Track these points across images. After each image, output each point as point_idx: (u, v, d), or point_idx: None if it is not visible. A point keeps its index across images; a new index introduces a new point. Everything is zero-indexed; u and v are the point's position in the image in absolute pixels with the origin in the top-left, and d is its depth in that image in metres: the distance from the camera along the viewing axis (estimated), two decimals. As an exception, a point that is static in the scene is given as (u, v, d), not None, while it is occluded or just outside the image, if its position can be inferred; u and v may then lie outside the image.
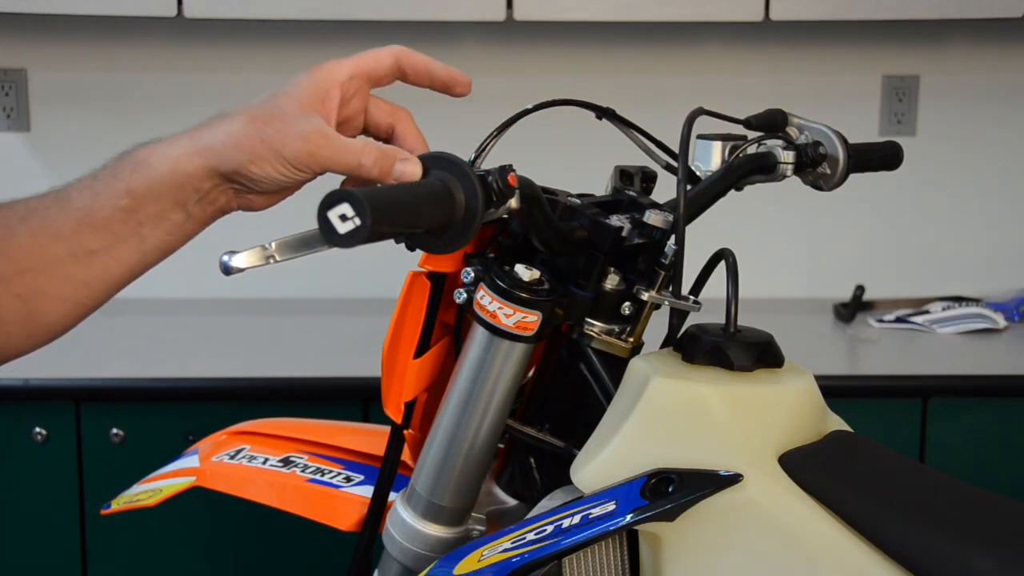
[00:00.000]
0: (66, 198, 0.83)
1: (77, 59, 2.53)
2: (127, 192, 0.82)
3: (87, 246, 0.82)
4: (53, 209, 0.82)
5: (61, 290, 0.83)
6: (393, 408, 1.08)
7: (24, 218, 0.82)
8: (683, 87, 2.58)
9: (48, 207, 0.83)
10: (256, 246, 0.80)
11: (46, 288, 0.82)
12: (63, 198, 0.83)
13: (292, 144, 0.82)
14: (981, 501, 0.92)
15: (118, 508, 1.32)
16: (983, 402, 2.16)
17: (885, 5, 2.24)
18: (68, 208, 0.82)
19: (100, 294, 0.85)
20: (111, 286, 0.85)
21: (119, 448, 2.05)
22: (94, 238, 0.82)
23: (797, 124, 1.12)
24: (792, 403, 0.94)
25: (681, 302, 1.00)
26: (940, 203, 2.66)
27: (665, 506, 0.88)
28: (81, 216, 0.82)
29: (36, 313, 0.83)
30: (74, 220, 0.82)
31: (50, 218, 0.82)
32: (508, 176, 0.85)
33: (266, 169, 0.83)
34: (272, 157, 0.82)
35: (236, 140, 0.82)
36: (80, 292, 0.84)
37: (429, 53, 0.92)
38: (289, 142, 0.82)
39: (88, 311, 0.86)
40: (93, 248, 0.82)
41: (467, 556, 0.95)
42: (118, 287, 0.86)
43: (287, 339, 2.37)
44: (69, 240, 0.82)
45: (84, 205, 0.82)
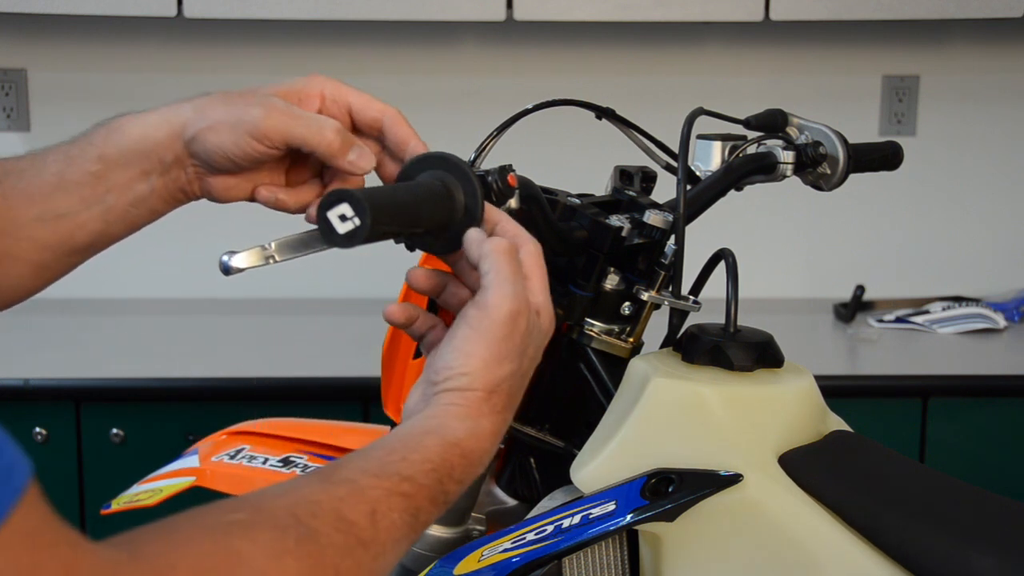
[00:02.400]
0: (42, 162, 0.84)
1: (77, 59, 2.53)
2: (99, 158, 0.83)
3: (56, 210, 0.83)
4: (29, 172, 0.83)
5: (25, 252, 0.83)
6: (393, 408, 1.07)
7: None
8: (683, 87, 2.58)
9: (24, 170, 0.83)
10: (256, 246, 0.80)
11: (12, 249, 0.83)
12: (39, 161, 0.84)
13: (253, 111, 0.81)
14: (981, 501, 0.92)
15: (118, 508, 1.32)
16: (983, 402, 2.16)
17: (885, 5, 2.24)
18: (43, 172, 0.83)
19: (63, 259, 0.85)
20: (74, 252, 0.85)
21: (119, 448, 2.05)
22: (63, 202, 0.83)
23: (797, 124, 1.12)
24: (792, 403, 0.94)
25: (681, 302, 1.00)
26: (940, 203, 2.66)
27: (665, 506, 0.88)
28: (54, 180, 0.83)
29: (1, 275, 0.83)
30: (47, 184, 0.83)
31: (25, 180, 0.83)
32: (508, 176, 0.85)
33: (222, 136, 0.81)
34: (231, 124, 0.81)
35: (202, 108, 0.83)
36: (44, 256, 0.84)
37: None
38: (250, 110, 0.81)
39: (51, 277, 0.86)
40: (61, 212, 0.83)
41: (467, 556, 0.95)
42: (81, 255, 0.86)
43: (287, 339, 2.37)
44: (40, 203, 0.82)
45: (58, 170, 0.83)
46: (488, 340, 0.75)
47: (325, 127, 0.82)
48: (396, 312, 0.84)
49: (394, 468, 0.70)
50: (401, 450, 0.72)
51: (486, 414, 0.76)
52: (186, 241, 2.43)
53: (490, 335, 0.75)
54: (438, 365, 0.77)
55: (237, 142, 0.81)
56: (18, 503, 0.47)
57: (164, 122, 0.84)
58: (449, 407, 0.75)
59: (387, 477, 0.70)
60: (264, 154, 0.82)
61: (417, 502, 0.70)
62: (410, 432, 0.74)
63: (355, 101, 0.86)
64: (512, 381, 0.77)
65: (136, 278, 2.54)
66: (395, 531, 0.69)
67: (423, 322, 0.84)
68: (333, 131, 0.82)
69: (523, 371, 0.78)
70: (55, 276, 0.87)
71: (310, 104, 0.85)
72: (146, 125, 0.84)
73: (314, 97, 0.86)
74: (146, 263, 2.51)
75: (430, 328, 0.84)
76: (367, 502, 0.68)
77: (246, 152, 0.82)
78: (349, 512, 0.66)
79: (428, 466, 0.72)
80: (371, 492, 0.68)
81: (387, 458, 0.71)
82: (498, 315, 0.75)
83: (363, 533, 0.66)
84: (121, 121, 0.85)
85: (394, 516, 0.68)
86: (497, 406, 0.77)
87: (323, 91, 0.86)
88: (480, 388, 0.76)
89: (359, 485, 0.68)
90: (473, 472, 0.76)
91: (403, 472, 0.70)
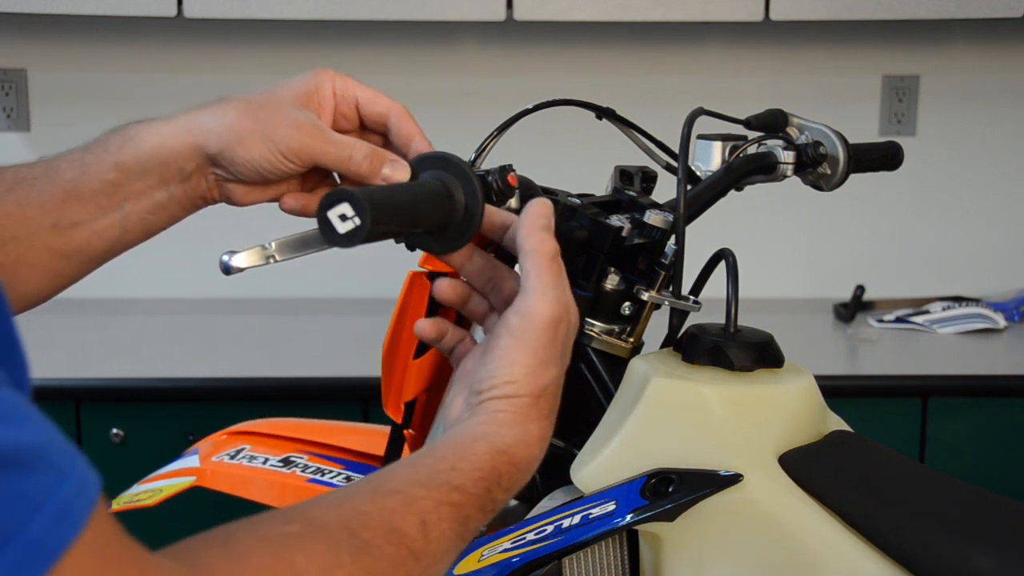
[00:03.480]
0: (55, 169, 0.83)
1: (77, 59, 2.53)
2: (115, 166, 0.83)
3: (71, 218, 0.83)
4: (42, 180, 0.83)
5: (41, 260, 0.83)
6: (393, 408, 1.07)
7: (11, 187, 0.82)
8: (683, 87, 2.58)
9: (37, 177, 0.83)
10: (256, 246, 0.80)
11: (27, 257, 0.82)
12: (52, 169, 0.83)
13: (284, 130, 0.81)
14: (981, 501, 0.92)
15: (118, 508, 1.32)
16: (983, 402, 2.16)
17: (885, 5, 2.24)
18: (57, 179, 0.83)
19: (79, 266, 0.85)
20: (91, 259, 0.85)
21: (119, 448, 2.05)
22: (79, 210, 0.83)
23: (797, 124, 1.12)
24: (792, 403, 0.94)
25: (681, 302, 1.00)
26: (940, 203, 2.66)
27: (665, 506, 0.88)
28: (69, 188, 0.82)
29: (16, 282, 0.83)
30: (62, 192, 0.82)
31: (38, 188, 0.82)
32: (508, 176, 0.85)
33: (252, 152, 0.82)
34: (261, 140, 0.81)
35: (227, 121, 0.82)
36: (60, 263, 0.84)
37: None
38: (281, 128, 0.81)
39: (66, 283, 0.86)
40: (76, 220, 0.83)
41: (467, 556, 0.95)
42: (97, 261, 0.86)
43: (287, 339, 2.37)
44: (54, 211, 0.82)
45: (72, 177, 0.83)
46: (532, 348, 0.75)
47: (355, 154, 0.83)
48: (427, 328, 0.84)
49: (444, 477, 0.70)
50: (451, 459, 0.72)
51: (534, 419, 0.76)
52: (186, 241, 2.43)
53: (534, 342, 0.75)
54: (482, 375, 0.76)
55: (268, 159, 0.82)
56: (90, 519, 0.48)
57: (184, 132, 0.83)
58: (497, 414, 0.75)
59: (437, 487, 0.69)
60: (293, 170, 0.83)
61: (466, 511, 0.70)
62: (459, 440, 0.74)
63: (362, 96, 0.87)
64: (556, 386, 0.78)
65: (136, 278, 2.54)
66: (445, 541, 0.69)
67: (452, 336, 0.85)
68: (362, 156, 0.83)
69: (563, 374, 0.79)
70: (70, 282, 0.87)
71: (327, 107, 0.86)
72: (164, 135, 0.83)
73: (328, 97, 0.86)
74: (146, 263, 2.50)
75: (459, 341, 0.85)
76: (417, 513, 0.67)
77: (276, 168, 0.83)
78: (400, 523, 0.66)
79: (478, 475, 0.71)
80: (421, 503, 0.68)
81: (436, 467, 0.71)
82: (541, 323, 0.75)
83: (414, 544, 0.66)
84: (138, 128, 0.84)
85: (444, 526, 0.68)
86: (544, 410, 0.77)
87: (333, 88, 0.86)
88: (527, 394, 0.75)
89: (409, 495, 0.68)
90: (521, 479, 0.75)
91: (453, 481, 0.70)
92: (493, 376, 0.76)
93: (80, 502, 0.47)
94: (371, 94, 0.87)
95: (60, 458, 0.47)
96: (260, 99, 0.84)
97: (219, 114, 0.83)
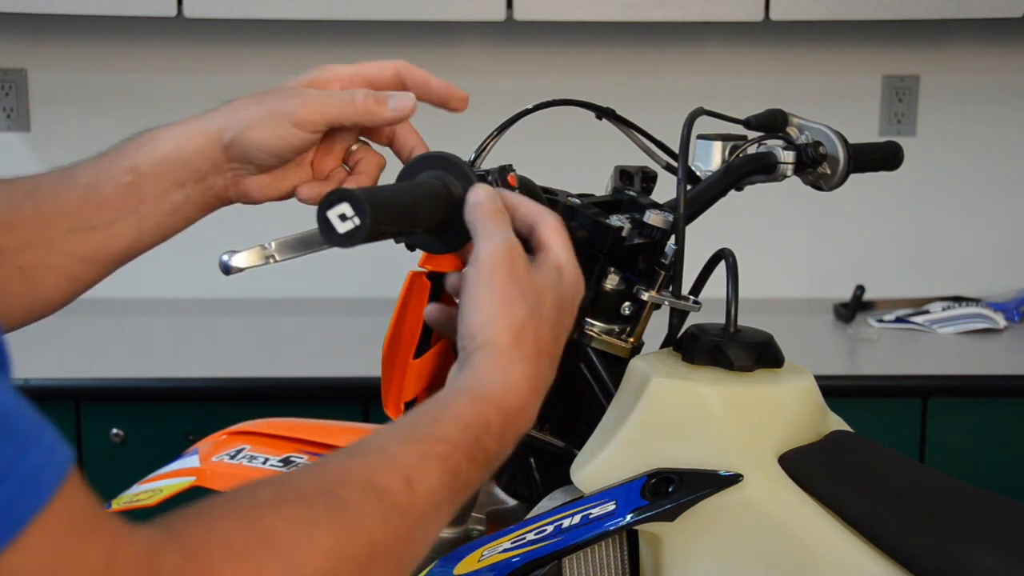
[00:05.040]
0: (71, 175, 0.85)
1: (77, 59, 2.53)
2: (131, 169, 0.84)
3: (88, 221, 0.84)
4: (58, 185, 0.84)
5: (60, 263, 0.84)
6: (393, 408, 1.07)
7: (29, 193, 0.83)
8: (683, 87, 2.58)
9: (54, 183, 0.84)
10: (256, 246, 0.80)
11: (46, 260, 0.83)
12: (68, 175, 0.85)
13: (287, 102, 0.84)
14: (981, 501, 0.92)
15: (118, 508, 1.32)
16: (983, 402, 2.16)
17: (885, 5, 2.24)
18: (72, 184, 0.84)
19: (97, 269, 0.86)
20: (108, 262, 0.87)
21: (119, 448, 2.05)
22: (95, 214, 0.84)
23: (797, 124, 1.12)
24: (792, 403, 0.94)
25: (681, 302, 1.00)
26: (940, 203, 2.66)
27: (665, 506, 0.88)
28: (84, 192, 0.84)
29: (36, 286, 0.84)
30: (77, 196, 0.84)
31: (55, 193, 0.84)
32: (508, 176, 0.85)
33: (264, 132, 0.84)
34: (269, 119, 0.84)
35: (236, 111, 0.85)
36: (77, 267, 0.85)
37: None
38: (285, 102, 0.84)
39: (84, 287, 0.87)
40: (93, 224, 0.84)
41: (467, 556, 0.95)
42: (115, 264, 0.88)
43: (287, 339, 2.37)
44: (71, 215, 0.83)
45: (88, 182, 0.84)
46: (490, 287, 0.74)
47: (355, 95, 0.86)
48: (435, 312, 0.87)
49: (426, 431, 0.69)
50: (432, 412, 0.71)
51: (516, 361, 0.74)
52: (186, 241, 2.43)
53: (489, 282, 0.74)
54: (459, 332, 0.76)
55: (279, 133, 0.84)
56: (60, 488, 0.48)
57: (198, 132, 0.85)
58: (477, 365, 0.74)
59: (419, 441, 0.68)
60: (306, 141, 0.85)
61: (455, 462, 0.68)
62: (442, 395, 0.73)
63: (368, 71, 0.90)
64: (535, 324, 0.75)
65: (136, 278, 2.53)
66: (434, 495, 0.67)
67: None
68: (363, 95, 0.85)
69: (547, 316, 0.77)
70: (88, 285, 0.88)
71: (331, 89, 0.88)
72: (179, 136, 0.85)
73: (332, 82, 0.88)
74: (146, 263, 2.49)
75: None
76: (400, 468, 0.66)
77: (289, 143, 0.85)
78: (382, 480, 0.65)
79: (462, 422, 0.70)
80: (404, 458, 0.67)
81: (418, 423, 0.70)
82: (489, 261, 0.75)
83: (398, 499, 0.65)
84: (153, 133, 0.86)
85: (432, 480, 0.67)
86: (527, 351, 0.75)
87: (338, 75, 0.89)
88: (502, 335, 0.74)
89: (390, 452, 0.67)
90: (515, 426, 0.74)
91: (436, 433, 0.69)
92: (466, 325, 0.75)
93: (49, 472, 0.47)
94: (374, 66, 0.90)
95: (26, 426, 0.47)
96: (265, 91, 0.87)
97: (228, 109, 0.86)
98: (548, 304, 0.77)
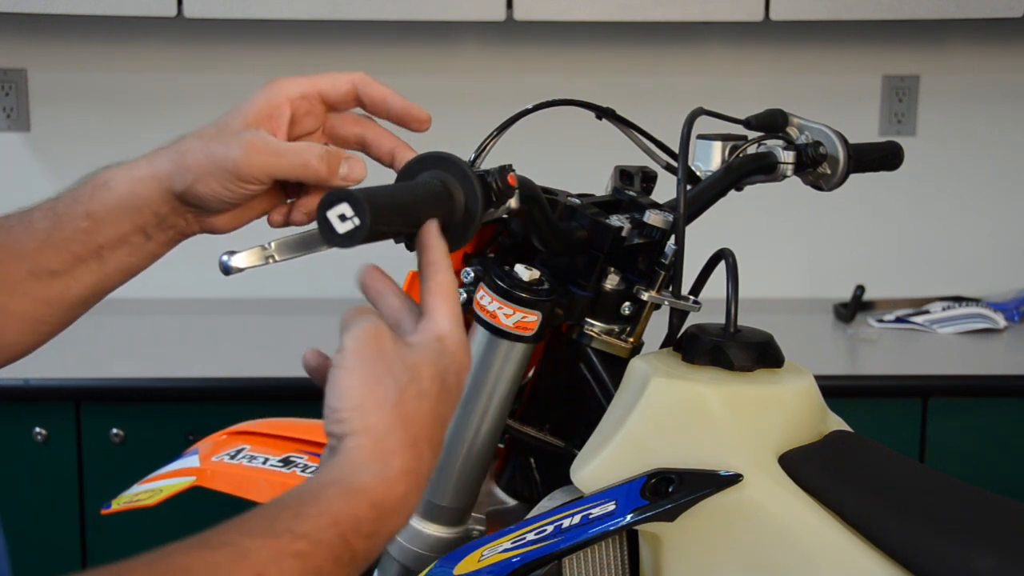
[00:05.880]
0: (28, 220, 0.83)
1: (77, 59, 2.53)
2: (86, 215, 0.83)
3: (48, 266, 0.83)
4: (17, 229, 0.83)
5: (22, 307, 0.83)
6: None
7: None
8: (683, 87, 2.58)
9: (12, 227, 0.83)
10: (256, 246, 0.80)
11: (8, 305, 0.83)
12: (26, 220, 0.84)
13: (232, 154, 0.80)
14: (981, 501, 0.92)
15: (118, 508, 1.32)
16: (983, 402, 2.16)
17: (885, 5, 2.24)
18: (31, 230, 0.83)
19: (61, 313, 0.85)
20: (72, 306, 0.85)
21: (119, 448, 2.05)
22: (55, 259, 0.83)
23: (797, 124, 1.12)
24: (792, 403, 0.94)
25: (681, 302, 1.00)
26: (940, 203, 2.66)
27: (665, 506, 0.88)
28: (43, 238, 0.82)
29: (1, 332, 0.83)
30: (36, 241, 0.82)
31: (13, 238, 0.83)
32: (508, 176, 0.85)
33: (211, 186, 0.81)
34: (215, 174, 0.81)
35: (184, 160, 0.82)
36: (41, 310, 0.84)
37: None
38: (230, 154, 0.80)
39: (49, 331, 0.86)
40: (54, 268, 0.83)
41: (467, 556, 0.95)
42: (80, 307, 0.86)
43: (287, 339, 2.37)
44: (31, 260, 0.82)
45: (45, 227, 0.83)
46: (355, 370, 0.68)
47: (308, 159, 0.81)
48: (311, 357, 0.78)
49: (285, 525, 0.62)
50: (295, 506, 0.64)
51: (395, 451, 0.67)
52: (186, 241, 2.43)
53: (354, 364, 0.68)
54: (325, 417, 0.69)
55: (226, 187, 0.81)
56: None
57: (149, 178, 0.83)
58: (351, 451, 0.67)
59: (276, 535, 0.61)
60: (255, 191, 0.82)
61: (315, 562, 0.62)
62: (307, 486, 0.66)
63: (322, 85, 0.86)
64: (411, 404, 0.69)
65: (137, 278, 2.54)
66: None
67: None
68: (317, 159, 0.81)
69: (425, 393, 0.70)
70: (54, 331, 0.86)
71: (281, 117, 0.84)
72: (132, 181, 0.83)
73: (282, 106, 0.85)
74: (146, 263, 2.51)
75: None
76: (251, 565, 0.59)
77: (237, 194, 0.82)
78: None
79: (326, 519, 0.63)
80: (256, 554, 0.60)
81: (278, 515, 0.63)
82: (352, 345, 0.69)
83: None
84: (107, 176, 0.84)
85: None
86: (406, 440, 0.67)
87: (287, 95, 0.85)
88: (375, 419, 0.67)
89: (241, 548, 0.60)
90: (391, 523, 0.67)
91: (296, 529, 0.62)
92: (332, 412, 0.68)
93: None
94: (328, 80, 0.86)
95: None
96: (211, 131, 0.83)
97: (176, 155, 0.82)
98: (426, 379, 0.70)
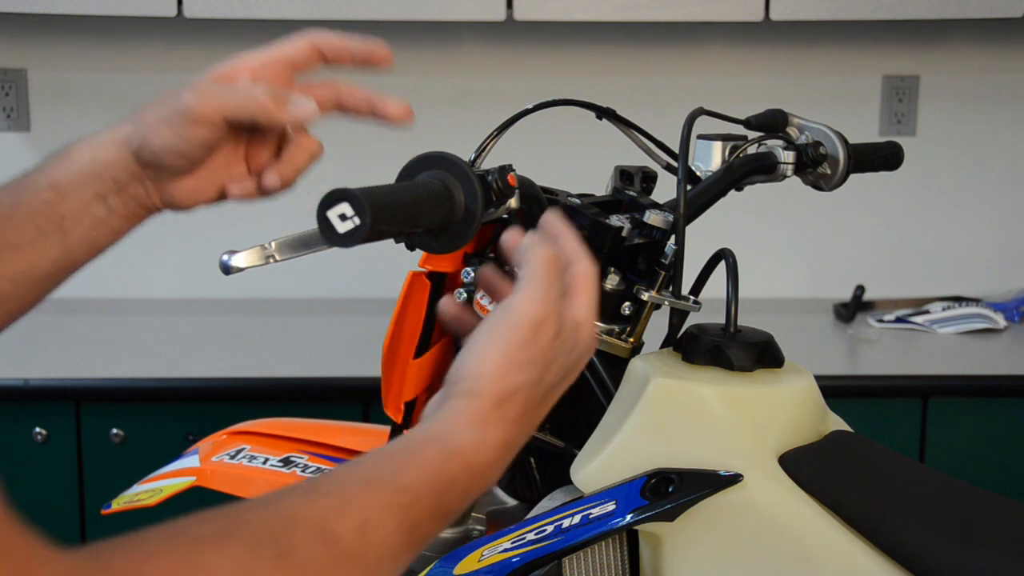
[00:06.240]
0: None
1: (77, 59, 2.53)
2: (50, 185, 0.84)
3: (11, 241, 0.83)
4: None
5: None
6: (393, 408, 1.08)
7: None
8: (683, 87, 2.58)
9: None
10: (256, 246, 0.80)
11: None
12: None
13: (183, 98, 0.82)
14: (981, 501, 0.92)
15: (118, 508, 1.32)
16: (983, 402, 2.16)
17: (885, 5, 2.24)
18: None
19: (28, 290, 0.85)
20: (38, 281, 0.85)
21: (119, 448, 2.05)
22: (18, 233, 0.83)
23: (797, 124, 1.12)
24: (792, 403, 0.94)
25: (681, 302, 1.00)
26: (940, 203, 2.66)
27: (665, 506, 0.88)
28: (7, 212, 0.83)
29: None
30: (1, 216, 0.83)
31: None
32: (508, 176, 0.85)
33: (164, 135, 0.83)
34: (169, 119, 0.82)
35: (141, 117, 0.84)
36: (6, 287, 0.84)
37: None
38: (181, 98, 0.83)
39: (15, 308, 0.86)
40: (17, 243, 0.83)
41: (467, 556, 0.95)
42: (48, 283, 0.86)
43: (287, 339, 2.37)
44: None
45: (10, 201, 0.83)
46: (506, 344, 0.71)
47: (254, 91, 0.83)
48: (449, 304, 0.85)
49: (389, 477, 0.65)
50: (397, 458, 0.67)
51: (495, 422, 0.70)
52: (186, 241, 2.43)
53: (508, 339, 0.71)
54: (456, 367, 0.72)
55: (179, 133, 0.82)
56: None
57: (110, 142, 0.84)
58: (456, 414, 0.70)
59: (381, 487, 0.64)
60: (207, 137, 0.83)
61: (415, 514, 0.65)
62: (410, 440, 0.69)
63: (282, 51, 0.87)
64: (530, 391, 0.72)
65: (136, 278, 2.54)
66: (389, 545, 0.63)
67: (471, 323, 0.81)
68: (263, 92, 0.83)
69: (547, 383, 0.74)
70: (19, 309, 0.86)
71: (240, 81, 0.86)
72: (94, 147, 0.84)
73: (241, 71, 0.86)
74: (146, 263, 2.51)
75: None
76: (356, 514, 0.62)
77: (190, 141, 0.83)
78: (335, 525, 0.61)
79: (426, 475, 0.66)
80: (361, 503, 0.63)
81: (381, 467, 0.66)
82: (520, 320, 0.71)
83: (350, 548, 0.61)
84: (71, 147, 0.85)
85: (388, 530, 0.63)
86: (509, 415, 0.71)
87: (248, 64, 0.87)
88: (490, 394, 0.70)
89: (347, 496, 0.63)
90: (479, 485, 0.71)
91: (400, 482, 0.65)
92: (460, 370, 0.72)
93: None
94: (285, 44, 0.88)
95: None
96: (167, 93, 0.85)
97: (134, 117, 0.85)
98: (553, 373, 0.74)
